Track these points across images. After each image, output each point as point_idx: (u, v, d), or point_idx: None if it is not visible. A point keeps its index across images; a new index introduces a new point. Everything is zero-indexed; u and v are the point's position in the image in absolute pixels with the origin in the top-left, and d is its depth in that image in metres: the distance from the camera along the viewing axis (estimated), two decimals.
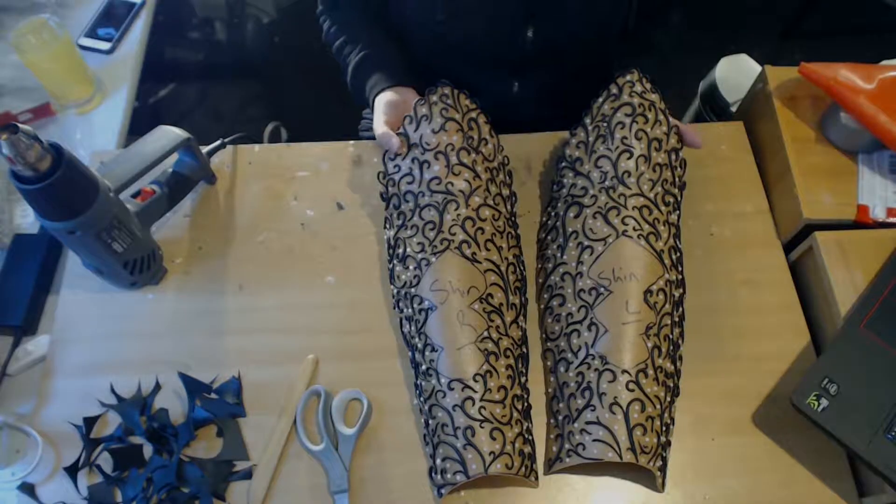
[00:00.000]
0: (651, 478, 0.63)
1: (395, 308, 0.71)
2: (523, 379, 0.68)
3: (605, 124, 0.73)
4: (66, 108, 0.91)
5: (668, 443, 0.65)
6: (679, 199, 0.73)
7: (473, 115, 0.74)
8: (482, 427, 0.61)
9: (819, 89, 0.77)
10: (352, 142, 0.85)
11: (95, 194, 0.61)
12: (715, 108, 1.23)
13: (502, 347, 0.65)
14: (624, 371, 0.63)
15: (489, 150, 0.74)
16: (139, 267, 0.70)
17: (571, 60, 0.86)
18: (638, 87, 0.73)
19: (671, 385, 0.66)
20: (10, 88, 0.92)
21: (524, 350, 0.70)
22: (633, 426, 0.61)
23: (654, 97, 0.73)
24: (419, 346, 0.67)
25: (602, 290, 0.67)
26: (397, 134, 0.73)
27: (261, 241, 0.77)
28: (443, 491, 0.61)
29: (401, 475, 0.64)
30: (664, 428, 0.64)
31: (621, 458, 0.60)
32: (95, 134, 0.90)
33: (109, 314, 0.72)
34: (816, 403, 0.62)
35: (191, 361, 0.69)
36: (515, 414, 0.63)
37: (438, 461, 0.62)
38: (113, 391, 0.67)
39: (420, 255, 0.68)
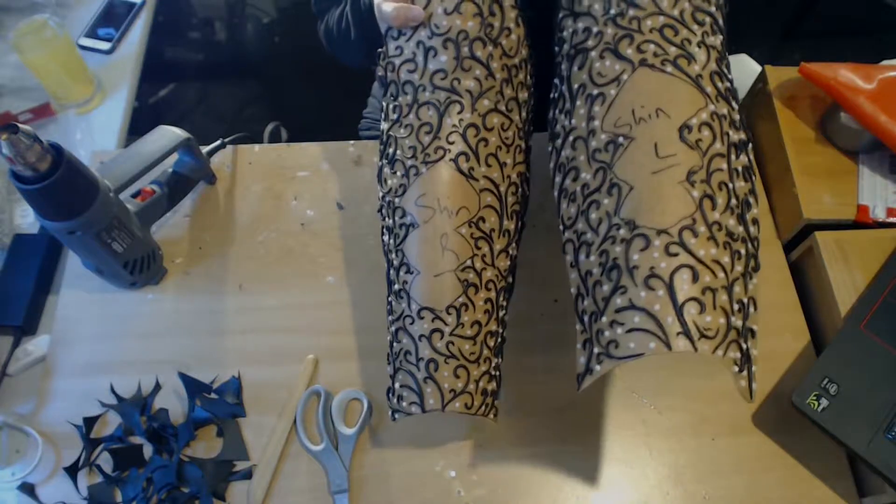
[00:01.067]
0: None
1: (378, 212, 0.64)
2: (502, 313, 0.61)
3: None
4: (66, 108, 0.91)
5: (750, 332, 0.49)
6: (718, 20, 0.55)
7: None
8: (447, 363, 0.56)
9: (819, 89, 0.77)
10: (352, 142, 0.85)
11: (95, 194, 0.61)
12: None
13: (485, 279, 0.58)
14: (661, 232, 0.47)
15: (511, 42, 0.60)
16: (139, 267, 0.70)
17: None
18: None
19: (742, 252, 0.49)
20: (10, 88, 0.92)
21: (509, 281, 0.62)
22: (684, 302, 0.45)
23: None
24: (395, 262, 0.60)
25: (621, 139, 0.50)
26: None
27: (261, 241, 0.77)
28: (396, 416, 0.59)
29: (401, 475, 0.64)
30: (737, 306, 0.47)
31: (669, 346, 0.44)
32: (95, 134, 0.90)
33: (109, 314, 0.72)
34: (816, 403, 0.62)
35: (191, 361, 0.69)
36: (486, 351, 0.58)
37: (397, 385, 0.59)
38: (113, 391, 0.67)
39: (410, 162, 0.59)
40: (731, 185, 0.50)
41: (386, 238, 0.62)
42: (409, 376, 0.58)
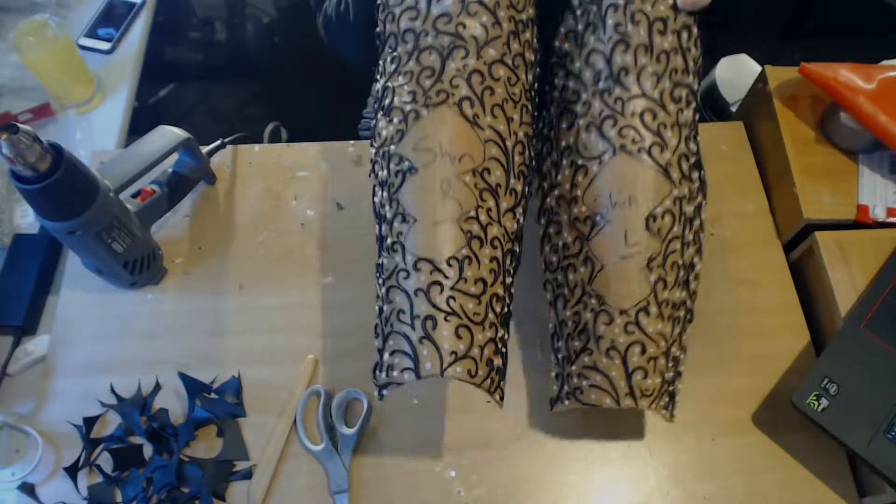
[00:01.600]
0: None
1: (370, 174, 0.60)
2: (509, 280, 0.58)
3: (594, 7, 0.60)
4: (66, 108, 0.91)
5: (678, 374, 0.61)
6: (695, 87, 0.61)
7: None
8: (447, 320, 0.51)
9: (819, 89, 0.77)
10: (352, 142, 0.85)
11: (95, 194, 0.61)
12: (715, 108, 1.23)
13: (490, 235, 0.55)
14: (622, 312, 0.56)
15: None
16: (139, 267, 0.70)
17: None
18: None
19: (681, 315, 0.60)
20: (10, 88, 0.92)
21: (516, 248, 0.59)
22: (633, 370, 0.56)
23: None
24: (388, 215, 0.55)
25: (598, 218, 0.58)
26: None
27: (261, 241, 0.77)
28: (384, 392, 0.53)
29: (401, 475, 0.64)
30: (671, 363, 0.59)
31: (619, 404, 0.56)
32: (95, 134, 0.90)
33: (109, 314, 0.72)
34: (816, 403, 0.62)
35: (191, 361, 0.69)
36: (491, 316, 0.54)
37: (386, 355, 0.53)
38: (113, 391, 0.67)
39: (409, 107, 0.55)
40: (681, 261, 0.59)
41: (378, 195, 0.58)
42: (401, 339, 0.52)
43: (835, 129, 0.78)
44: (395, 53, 0.58)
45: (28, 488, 0.62)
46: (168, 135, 0.72)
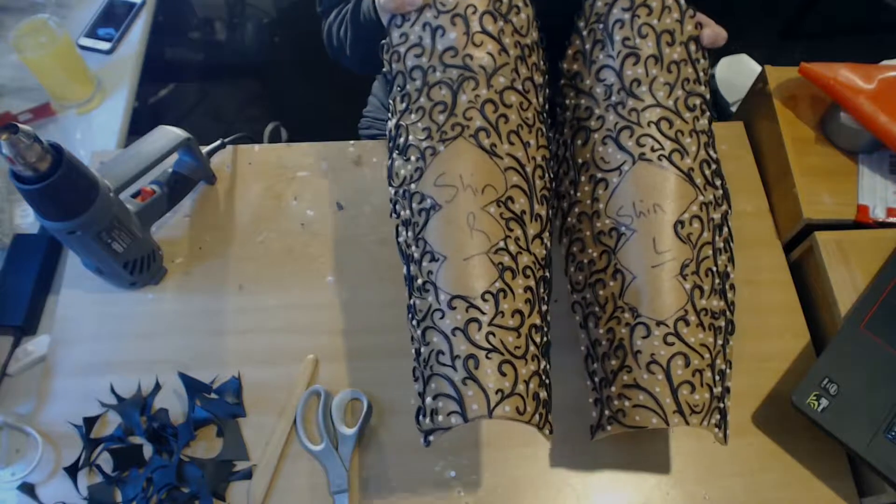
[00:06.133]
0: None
1: (391, 214, 0.58)
2: (545, 307, 0.56)
3: (600, 26, 0.60)
4: (66, 108, 0.91)
5: (727, 390, 0.58)
6: (707, 97, 0.61)
7: None
8: (489, 358, 0.49)
9: (819, 89, 0.77)
10: (352, 142, 0.85)
11: (95, 194, 0.61)
12: (715, 107, 1.23)
13: (521, 264, 0.53)
14: (660, 323, 0.54)
15: (521, 20, 0.58)
16: (139, 267, 0.70)
17: None
18: None
19: (722, 325, 0.58)
20: (10, 88, 0.92)
21: (547, 273, 0.58)
22: (678, 385, 0.53)
23: None
24: (416, 255, 0.54)
25: (623, 229, 0.56)
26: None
27: (261, 241, 0.77)
28: (431, 438, 0.51)
29: (401, 475, 0.64)
30: (718, 377, 0.56)
31: (668, 423, 0.52)
32: (95, 134, 0.90)
33: (109, 314, 0.72)
34: (816, 403, 0.62)
35: (191, 361, 0.69)
36: (532, 348, 0.52)
37: (429, 399, 0.51)
38: (113, 391, 0.67)
39: (425, 144, 0.55)
40: (715, 268, 0.57)
41: (403, 236, 0.57)
42: (443, 381, 0.50)
43: (835, 129, 0.78)
44: (404, 92, 0.57)
45: (28, 488, 0.62)
46: (168, 135, 0.72)
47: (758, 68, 1.12)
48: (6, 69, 0.93)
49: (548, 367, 0.55)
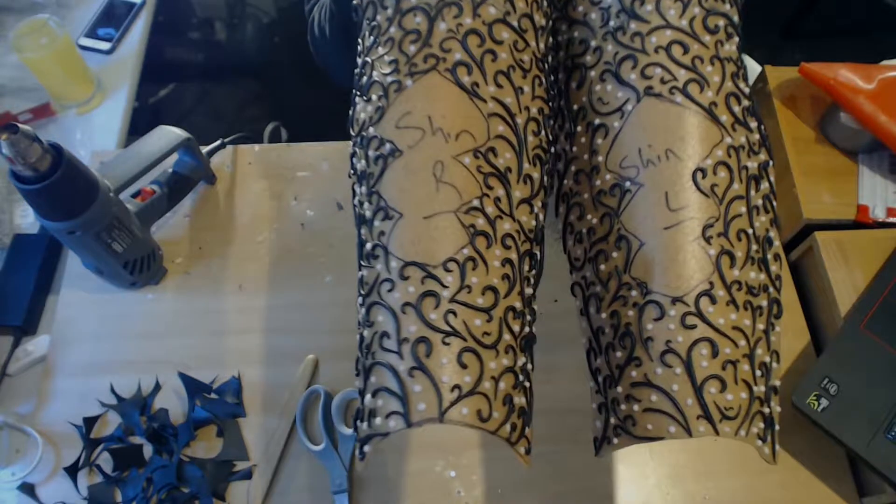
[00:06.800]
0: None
1: (349, 173, 0.48)
2: (528, 291, 0.45)
3: None
4: (66, 108, 0.91)
5: (773, 391, 0.45)
6: (735, 20, 0.48)
7: None
8: (446, 343, 0.39)
9: (819, 89, 0.77)
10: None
11: (95, 194, 0.61)
12: None
13: (500, 231, 0.43)
14: (676, 300, 0.42)
15: None
16: (139, 267, 0.70)
17: None
18: None
19: (763, 304, 0.45)
20: (10, 88, 0.92)
21: (536, 251, 0.46)
22: (704, 381, 0.41)
23: None
24: (368, 214, 0.44)
25: (628, 184, 0.45)
26: None
27: (261, 241, 0.77)
28: (367, 448, 0.39)
29: (401, 475, 0.64)
30: (760, 373, 0.43)
31: (690, 432, 0.40)
32: (95, 134, 0.90)
33: (109, 314, 0.72)
34: (816, 403, 0.61)
35: (191, 361, 0.69)
36: (507, 336, 0.41)
37: (368, 397, 0.40)
38: (113, 391, 0.67)
39: (390, 79, 0.44)
40: (751, 231, 0.45)
41: (357, 194, 0.46)
42: (385, 372, 0.39)
43: (835, 129, 0.78)
44: (373, 23, 0.47)
45: (28, 488, 0.62)
46: (168, 135, 0.72)
47: (758, 68, 1.12)
48: (6, 69, 0.93)
49: (530, 367, 0.44)
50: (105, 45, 0.98)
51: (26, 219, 0.80)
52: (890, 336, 0.64)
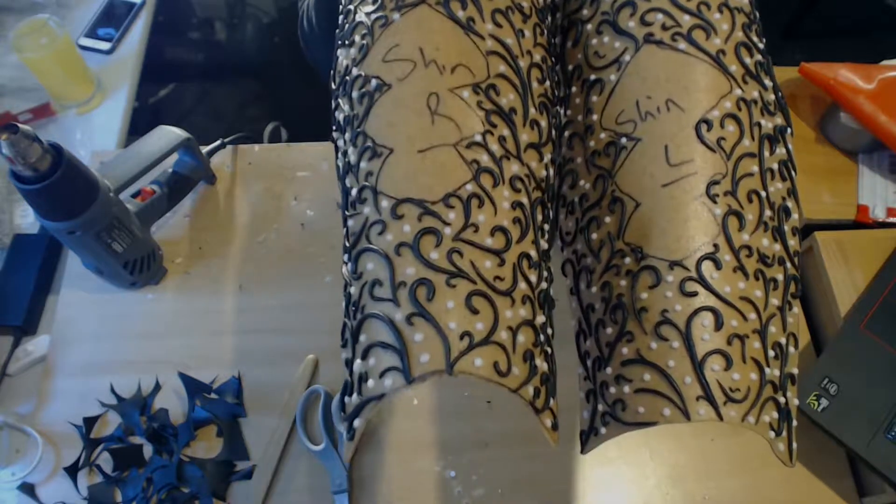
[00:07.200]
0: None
1: (331, 131, 0.44)
2: (544, 244, 0.40)
3: None
4: (66, 108, 0.91)
5: (790, 379, 0.39)
6: None
7: None
8: (451, 285, 0.34)
9: (819, 89, 0.77)
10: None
11: (95, 194, 0.61)
12: None
13: (508, 172, 0.38)
14: (674, 264, 0.37)
15: None
16: (139, 267, 0.70)
17: None
18: None
19: (779, 277, 0.40)
20: (10, 88, 0.92)
21: (549, 208, 0.42)
22: (705, 356, 0.36)
23: None
24: (353, 159, 0.39)
25: (624, 140, 0.41)
26: None
27: (261, 241, 0.77)
28: (356, 423, 0.34)
29: (401, 475, 0.64)
30: (773, 352, 0.38)
31: (687, 415, 0.35)
32: (95, 134, 0.90)
33: (109, 314, 0.72)
34: (816, 403, 0.61)
35: (191, 361, 0.69)
36: (523, 285, 0.36)
37: (358, 362, 0.35)
38: (113, 391, 0.67)
39: (375, 16, 0.40)
40: (763, 193, 0.40)
41: (339, 147, 0.42)
42: (379, 324, 0.34)
43: (835, 129, 0.78)
44: None
45: (28, 488, 0.62)
46: (168, 135, 0.72)
47: None
48: (6, 69, 0.93)
49: (550, 331, 0.39)
50: (105, 45, 0.98)
51: (26, 219, 0.80)
52: (890, 336, 0.64)
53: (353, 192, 0.39)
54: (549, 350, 0.39)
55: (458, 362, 0.32)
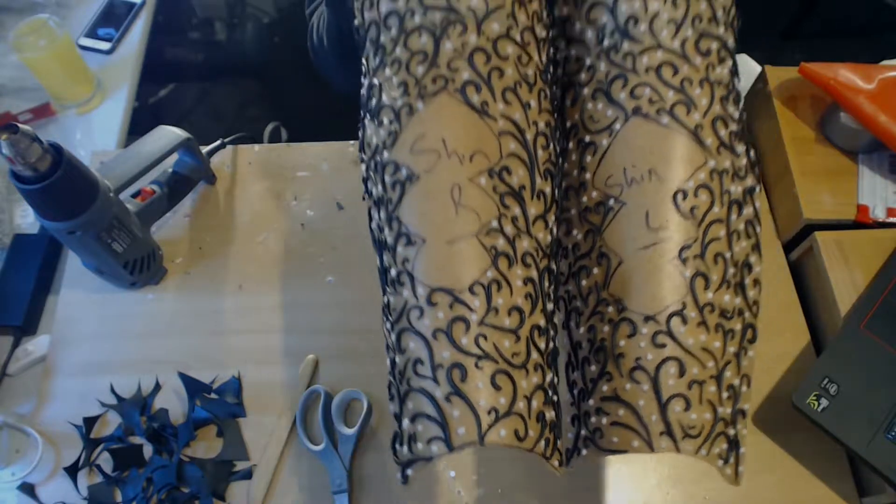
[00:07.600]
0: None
1: (363, 196, 0.50)
2: (550, 306, 0.47)
3: None
4: (66, 108, 0.91)
5: (741, 414, 0.47)
6: (729, 43, 0.49)
7: None
8: (479, 367, 0.41)
9: (819, 89, 0.77)
10: (352, 142, 0.85)
11: (95, 194, 0.61)
12: None
13: (520, 250, 0.44)
14: (648, 318, 0.44)
15: None
16: (139, 267, 0.70)
17: None
18: None
19: (736, 328, 0.47)
20: (10, 88, 0.92)
21: (553, 265, 0.48)
22: (669, 399, 0.43)
23: None
24: (389, 240, 0.45)
25: (612, 202, 0.46)
26: None
27: (261, 241, 0.77)
28: (409, 472, 0.42)
29: None
30: (726, 395, 0.45)
31: (652, 447, 0.43)
32: (95, 134, 0.90)
33: (109, 314, 0.72)
34: (816, 403, 0.61)
35: (191, 361, 0.69)
36: (535, 355, 0.43)
37: (406, 422, 0.42)
38: (113, 391, 0.67)
39: (400, 102, 0.45)
40: (728, 255, 0.46)
41: (375, 219, 0.48)
42: (422, 398, 0.41)
43: (835, 129, 0.78)
44: (378, 45, 0.48)
45: (28, 488, 0.62)
46: (168, 135, 0.72)
47: (758, 68, 1.12)
48: (6, 69, 0.93)
49: (556, 380, 0.46)
50: (105, 45, 0.98)
51: (26, 219, 0.80)
52: (890, 336, 0.64)
53: (392, 272, 0.45)
54: (555, 399, 0.46)
55: (487, 434, 0.40)
